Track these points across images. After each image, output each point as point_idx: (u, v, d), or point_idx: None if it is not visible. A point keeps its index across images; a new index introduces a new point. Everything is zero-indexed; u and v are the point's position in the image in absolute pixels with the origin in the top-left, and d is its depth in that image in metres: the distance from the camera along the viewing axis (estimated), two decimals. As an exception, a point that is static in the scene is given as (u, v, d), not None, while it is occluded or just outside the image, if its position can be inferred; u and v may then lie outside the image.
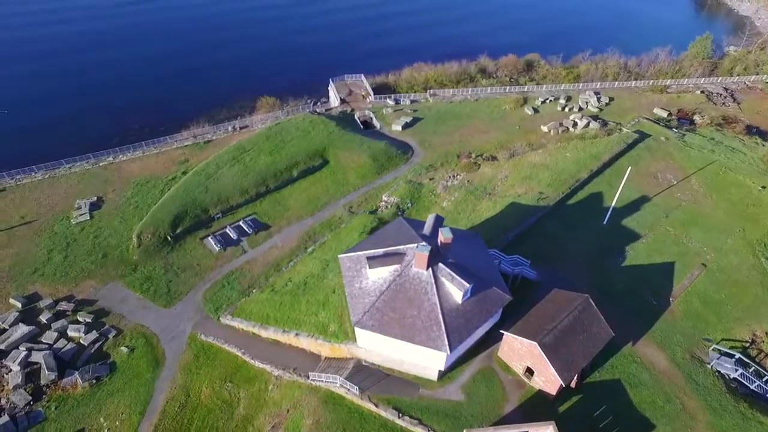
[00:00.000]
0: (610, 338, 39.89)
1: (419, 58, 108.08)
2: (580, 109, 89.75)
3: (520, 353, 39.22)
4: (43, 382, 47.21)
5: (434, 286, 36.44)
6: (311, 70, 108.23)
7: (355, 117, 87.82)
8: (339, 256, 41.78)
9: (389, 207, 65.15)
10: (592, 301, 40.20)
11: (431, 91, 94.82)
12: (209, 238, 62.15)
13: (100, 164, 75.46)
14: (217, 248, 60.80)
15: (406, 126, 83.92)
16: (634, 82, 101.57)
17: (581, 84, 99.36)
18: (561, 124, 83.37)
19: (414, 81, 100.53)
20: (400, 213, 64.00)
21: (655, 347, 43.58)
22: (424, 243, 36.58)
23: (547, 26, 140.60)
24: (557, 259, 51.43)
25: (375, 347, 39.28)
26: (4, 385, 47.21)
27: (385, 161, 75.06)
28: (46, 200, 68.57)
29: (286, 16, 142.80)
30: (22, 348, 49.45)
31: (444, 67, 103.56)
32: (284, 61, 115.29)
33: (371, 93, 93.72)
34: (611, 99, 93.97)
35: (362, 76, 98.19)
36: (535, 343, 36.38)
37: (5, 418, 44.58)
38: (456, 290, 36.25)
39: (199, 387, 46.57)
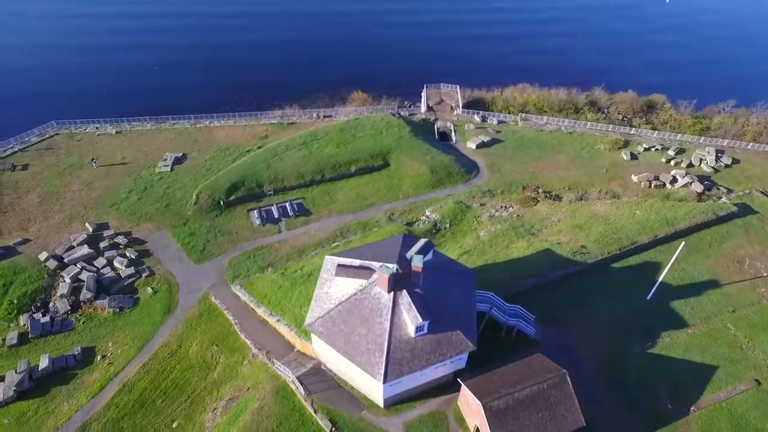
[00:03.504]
0: (579, 427, 34.72)
1: (527, 79, 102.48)
2: (690, 165, 77.77)
3: (473, 409, 36.09)
4: (81, 298, 55.15)
5: (390, 311, 35.08)
6: (415, 75, 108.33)
7: (435, 126, 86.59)
8: (326, 256, 42.13)
9: (427, 223, 63.54)
10: (569, 379, 35.34)
11: (522, 114, 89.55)
12: (254, 211, 66.53)
13: (197, 126, 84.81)
14: (257, 222, 64.92)
15: (481, 145, 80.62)
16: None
17: (704, 138, 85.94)
18: (656, 178, 73.23)
19: (513, 101, 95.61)
20: (434, 231, 62.13)
21: (645, 456, 36.97)
22: (389, 264, 35.30)
23: (694, 68, 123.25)
24: (573, 324, 45.95)
25: (325, 355, 39.09)
26: (56, 291, 56.05)
27: (444, 176, 73.10)
28: (145, 147, 79.13)
29: (409, 23, 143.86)
30: (78, 265, 58.14)
31: (550, 92, 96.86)
32: (393, 62, 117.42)
33: (460, 105, 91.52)
34: (735, 161, 79.93)
35: (458, 87, 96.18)
36: (481, 403, 33.19)
37: (47, 318, 53.11)
38: (410, 323, 34.47)
39: (191, 342, 50.54)
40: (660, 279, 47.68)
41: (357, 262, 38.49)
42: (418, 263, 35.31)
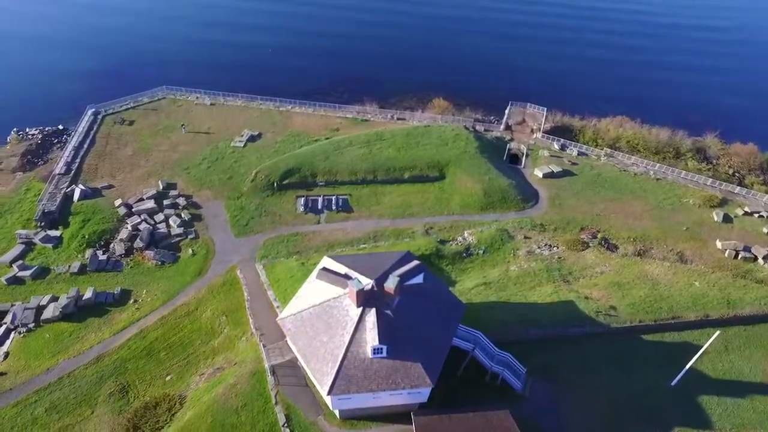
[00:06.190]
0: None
1: (629, 112, 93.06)
2: (798, 242, 65.41)
3: (419, 447, 34.56)
4: (135, 246, 62.13)
5: (355, 326, 34.82)
6: (506, 90, 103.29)
7: (507, 147, 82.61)
8: (325, 256, 42.80)
9: (460, 245, 61.29)
10: (525, 447, 32.26)
11: (607, 150, 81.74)
12: (302, 198, 69.38)
13: (280, 109, 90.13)
14: (301, 209, 67.68)
15: (549, 175, 75.34)
16: None
17: (832, 214, 71.47)
18: (747, 249, 62.69)
19: (604, 134, 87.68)
20: (464, 255, 59.81)
21: None
22: (362, 279, 34.90)
23: None
24: (572, 389, 41.64)
25: (295, 351, 39.83)
26: (118, 235, 63.66)
27: (497, 200, 69.70)
28: (229, 121, 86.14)
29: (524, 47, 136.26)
30: (141, 216, 65.52)
31: (650, 130, 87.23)
32: (486, 74, 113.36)
33: (541, 129, 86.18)
34: None
35: (544, 109, 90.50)
36: (419, 444, 31.76)
37: (104, 257, 60.74)
38: (369, 342, 33.88)
39: (207, 307, 54.53)
40: (689, 364, 41.07)
41: (343, 270, 38.60)
42: (391, 284, 34.53)
